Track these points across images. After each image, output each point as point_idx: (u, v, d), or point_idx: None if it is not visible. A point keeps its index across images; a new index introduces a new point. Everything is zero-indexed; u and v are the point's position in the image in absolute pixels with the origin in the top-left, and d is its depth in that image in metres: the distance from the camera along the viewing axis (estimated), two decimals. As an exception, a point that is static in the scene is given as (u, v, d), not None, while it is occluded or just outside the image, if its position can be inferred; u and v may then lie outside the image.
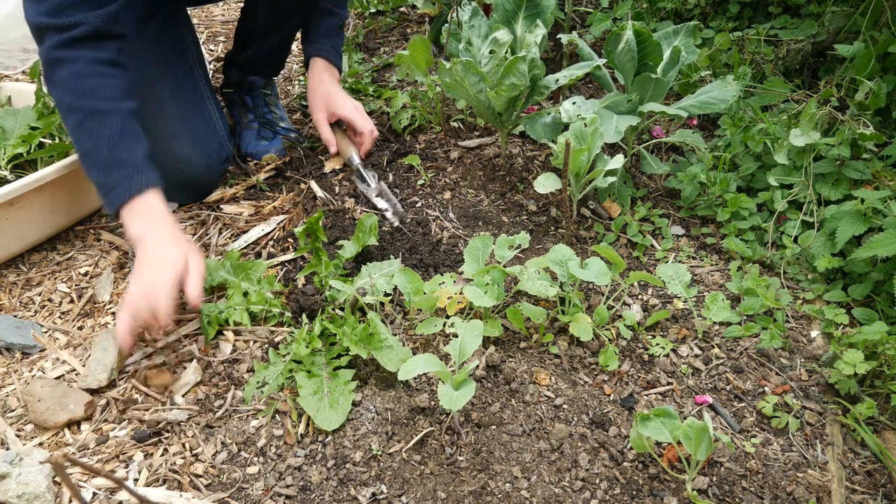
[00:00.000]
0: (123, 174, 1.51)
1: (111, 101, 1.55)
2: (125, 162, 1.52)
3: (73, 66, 1.51)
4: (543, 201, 2.03)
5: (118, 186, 1.51)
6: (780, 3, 2.52)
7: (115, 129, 1.53)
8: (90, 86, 1.53)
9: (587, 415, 1.43)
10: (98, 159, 1.53)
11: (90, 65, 1.53)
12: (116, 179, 1.51)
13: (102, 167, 1.53)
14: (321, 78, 2.08)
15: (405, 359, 1.39)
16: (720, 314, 1.60)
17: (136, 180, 1.51)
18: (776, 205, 1.86)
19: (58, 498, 1.26)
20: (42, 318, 1.64)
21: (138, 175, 1.52)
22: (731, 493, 1.30)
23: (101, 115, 1.53)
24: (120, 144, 1.53)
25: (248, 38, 2.17)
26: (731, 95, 1.86)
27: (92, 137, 1.53)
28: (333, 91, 2.07)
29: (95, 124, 1.53)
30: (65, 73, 1.52)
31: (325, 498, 1.27)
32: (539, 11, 1.89)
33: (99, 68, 1.54)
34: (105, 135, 1.53)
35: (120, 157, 1.52)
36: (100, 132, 1.53)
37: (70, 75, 1.52)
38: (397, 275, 1.61)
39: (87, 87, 1.53)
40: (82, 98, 1.52)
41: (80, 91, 1.52)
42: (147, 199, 1.52)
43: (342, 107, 2.06)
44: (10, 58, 2.55)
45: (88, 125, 1.53)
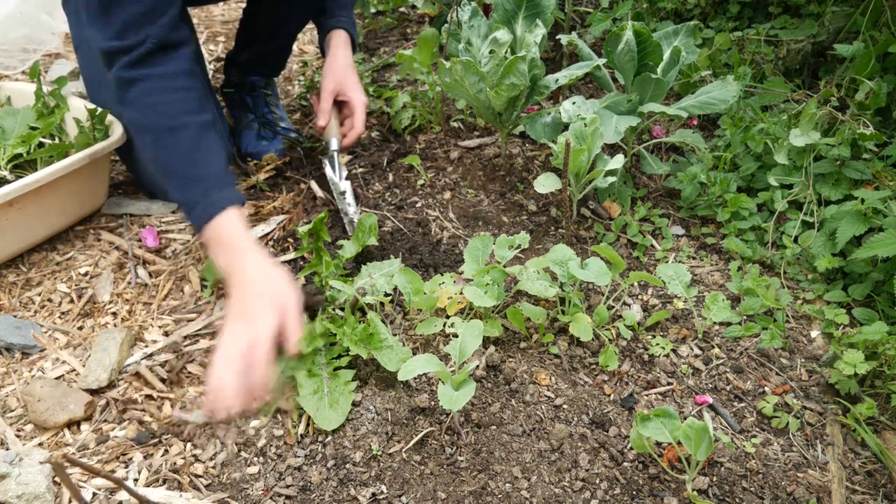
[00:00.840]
0: (202, 190, 1.45)
1: (184, 116, 1.50)
2: (203, 177, 1.47)
3: (143, 84, 1.48)
4: (543, 201, 2.03)
5: (198, 204, 1.44)
6: (780, 3, 2.52)
7: (190, 144, 1.49)
8: (162, 101, 1.49)
9: (587, 415, 1.43)
10: (175, 177, 1.48)
11: (160, 80, 1.49)
12: (196, 197, 1.45)
13: (181, 185, 1.47)
14: (340, 55, 2.03)
15: (405, 359, 1.39)
16: (720, 314, 1.60)
17: (215, 197, 1.44)
18: (776, 205, 1.86)
19: (58, 498, 1.26)
20: (42, 318, 1.64)
21: (217, 192, 1.44)
22: (731, 494, 1.30)
23: (176, 131, 1.49)
24: (197, 160, 1.48)
25: (249, 38, 2.17)
26: (732, 95, 1.86)
27: (170, 154, 1.49)
28: (350, 74, 2.02)
29: (170, 141, 1.48)
30: (135, 92, 1.48)
31: (325, 498, 1.27)
32: (539, 11, 1.89)
33: (168, 83, 1.50)
34: (181, 150, 1.48)
35: (197, 172, 1.47)
36: (175, 149, 1.48)
37: (141, 93, 1.48)
38: (397, 275, 1.61)
39: (160, 102, 1.49)
40: (154, 116, 1.49)
41: (153, 107, 1.49)
42: (228, 220, 1.42)
43: (353, 94, 2.00)
44: (10, 58, 2.55)
45: (163, 143, 1.49)
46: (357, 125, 2.00)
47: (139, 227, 1.90)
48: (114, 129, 1.85)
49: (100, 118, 1.82)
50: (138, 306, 1.67)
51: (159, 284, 1.73)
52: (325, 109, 1.99)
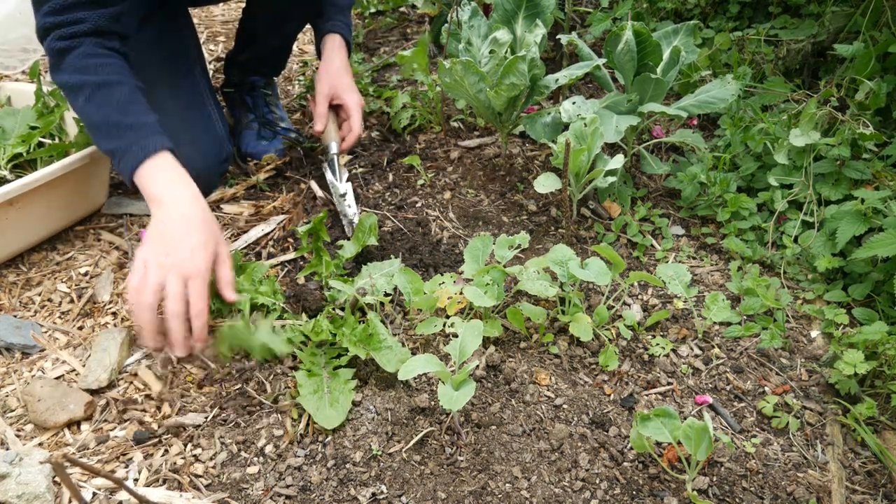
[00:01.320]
0: (137, 135, 1.48)
1: (118, 75, 1.54)
2: (137, 125, 1.50)
3: (77, 50, 1.52)
4: (543, 201, 2.03)
5: (132, 147, 1.47)
6: (780, 3, 2.52)
7: (124, 97, 1.52)
8: (96, 63, 1.53)
9: (587, 415, 1.43)
10: (109, 127, 1.50)
11: (95, 47, 1.54)
12: (129, 141, 1.48)
13: (115, 133, 1.50)
14: (335, 58, 2.03)
15: (404, 359, 1.39)
16: (720, 314, 1.60)
17: (150, 140, 1.48)
18: (776, 205, 1.86)
19: (58, 498, 1.26)
20: (42, 318, 1.64)
21: (152, 136, 1.48)
22: (731, 494, 1.30)
23: (109, 87, 1.52)
24: (130, 110, 1.51)
25: (249, 38, 2.17)
26: (731, 94, 1.86)
27: (101, 108, 1.51)
28: (344, 77, 2.03)
29: (104, 95, 1.52)
30: (70, 57, 1.52)
31: (325, 498, 1.27)
32: (539, 11, 1.89)
33: (104, 51, 1.55)
34: (114, 103, 1.51)
35: (131, 121, 1.50)
36: (109, 102, 1.51)
37: (75, 57, 1.52)
38: (397, 275, 1.61)
39: (93, 64, 1.53)
40: (89, 74, 1.52)
41: (86, 69, 1.52)
42: (164, 160, 1.47)
43: (347, 97, 2.01)
44: (10, 58, 2.55)
45: (97, 98, 1.51)
46: (354, 127, 2.00)
47: (139, 227, 1.90)
48: (114, 128, 1.85)
49: (100, 118, 1.83)
50: (138, 306, 1.67)
51: (159, 284, 1.73)
52: (321, 114, 2.00)
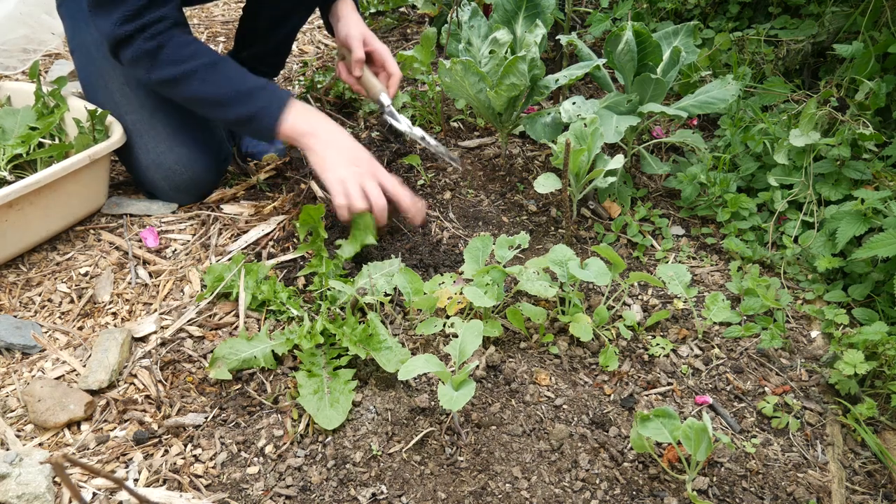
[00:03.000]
0: (267, 94, 1.64)
1: (215, 54, 1.66)
2: (261, 85, 1.65)
3: (170, 44, 1.60)
4: (543, 201, 2.03)
5: (270, 104, 1.63)
6: (780, 3, 2.52)
7: (234, 68, 1.66)
8: (193, 50, 1.63)
9: (587, 415, 1.43)
10: (239, 95, 1.64)
11: (182, 37, 1.63)
12: (265, 101, 1.63)
13: (245, 100, 1.63)
14: (354, 13, 1.96)
15: (404, 360, 1.39)
16: (720, 314, 1.60)
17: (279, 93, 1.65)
18: (776, 205, 1.86)
19: (58, 498, 1.26)
20: (42, 319, 1.64)
21: (278, 91, 1.65)
22: (731, 494, 1.30)
23: (217, 65, 1.64)
24: (247, 77, 1.65)
25: (248, 38, 2.16)
26: (731, 95, 1.86)
27: (221, 83, 1.64)
28: (367, 29, 1.96)
29: (218, 72, 1.64)
30: (167, 51, 1.61)
31: (325, 498, 1.27)
32: (539, 11, 1.89)
33: (192, 38, 1.66)
34: (232, 75, 1.65)
35: (254, 84, 1.65)
36: (226, 75, 1.64)
37: (173, 50, 1.61)
38: (397, 275, 1.61)
39: (191, 51, 1.62)
40: (193, 60, 1.62)
41: (188, 57, 1.62)
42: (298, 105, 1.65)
43: (377, 43, 1.93)
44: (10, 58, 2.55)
45: (212, 77, 1.63)
46: (394, 71, 1.95)
47: (139, 227, 1.90)
48: (114, 129, 1.85)
49: (100, 119, 1.83)
50: (138, 306, 1.67)
51: (159, 284, 1.73)
52: (360, 58, 1.90)
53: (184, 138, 1.89)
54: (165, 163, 1.88)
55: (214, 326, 1.62)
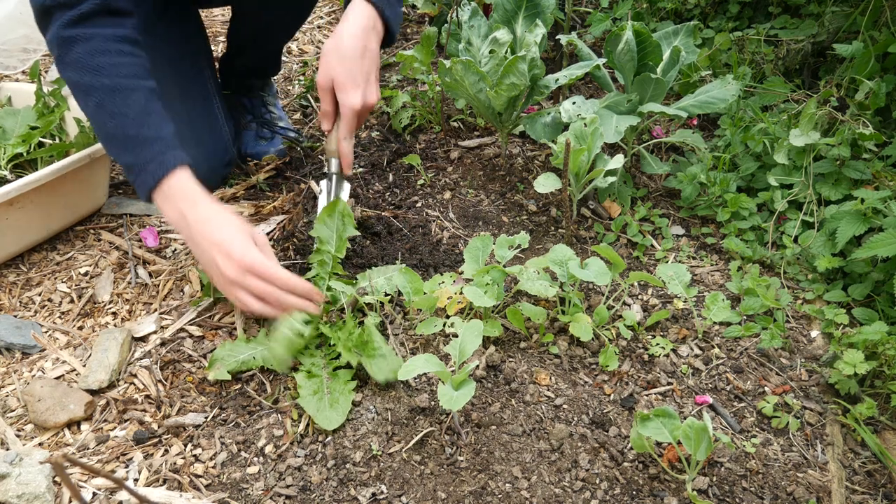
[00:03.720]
0: (154, 151, 1.40)
1: (133, 79, 1.43)
2: (154, 139, 1.41)
3: (88, 44, 1.40)
4: (543, 201, 2.03)
5: (150, 163, 1.40)
6: (780, 3, 2.52)
7: (140, 107, 1.42)
8: (108, 63, 1.41)
9: (587, 415, 1.43)
10: (124, 140, 1.42)
11: (106, 42, 1.42)
12: (147, 157, 1.40)
13: (131, 147, 1.42)
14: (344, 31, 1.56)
15: (395, 369, 1.39)
16: (720, 314, 1.60)
17: (168, 156, 1.41)
18: (776, 205, 1.86)
19: (58, 498, 1.26)
20: (42, 318, 1.64)
21: (171, 151, 1.41)
22: (731, 494, 1.30)
23: (123, 93, 1.42)
24: (147, 122, 1.42)
25: (240, 45, 2.12)
26: (731, 95, 1.86)
27: (115, 117, 1.42)
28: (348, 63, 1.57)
29: (118, 103, 1.41)
30: (79, 51, 1.40)
31: (325, 498, 1.27)
32: (539, 11, 1.89)
33: (116, 45, 1.43)
34: (129, 113, 1.42)
35: (148, 134, 1.41)
36: (123, 111, 1.42)
37: (85, 53, 1.40)
38: (397, 274, 1.61)
39: (105, 64, 1.41)
40: (100, 76, 1.41)
41: (97, 69, 1.41)
42: (182, 177, 1.41)
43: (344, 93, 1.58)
44: (10, 58, 2.55)
45: (109, 105, 1.42)
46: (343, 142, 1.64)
47: (139, 227, 1.90)
48: (114, 129, 1.85)
49: (100, 118, 1.82)
50: (138, 306, 1.67)
51: (159, 284, 1.73)
52: (327, 112, 1.64)
53: (189, 139, 1.88)
54: None
55: (214, 326, 1.62)
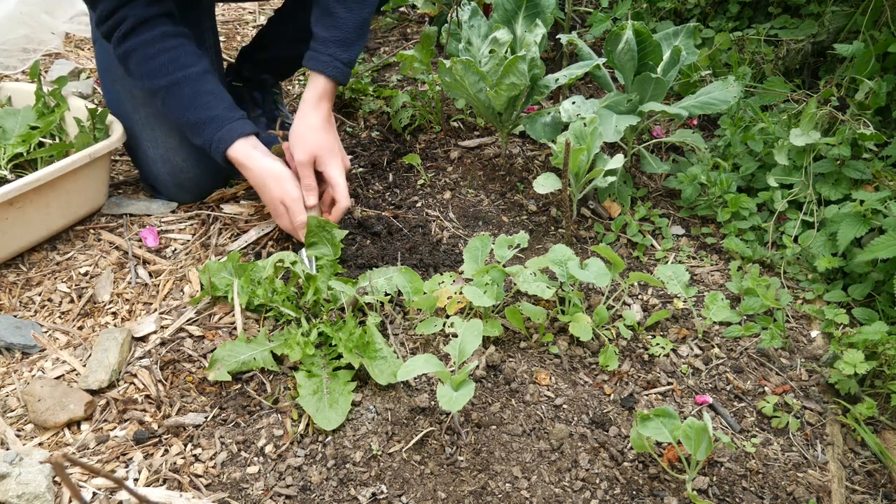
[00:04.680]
0: (212, 131, 1.69)
1: (182, 70, 1.68)
2: (209, 120, 1.69)
3: (136, 54, 1.66)
4: (543, 201, 2.03)
5: (212, 142, 1.69)
6: (780, 3, 2.52)
7: (193, 94, 1.68)
8: (158, 65, 1.66)
9: (587, 415, 1.43)
10: (190, 127, 1.71)
11: (148, 47, 1.66)
12: (209, 138, 1.69)
13: (197, 132, 1.71)
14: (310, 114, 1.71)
15: (395, 372, 1.39)
16: (720, 314, 1.60)
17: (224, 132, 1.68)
18: (776, 205, 1.86)
19: (58, 498, 1.26)
20: (42, 318, 1.64)
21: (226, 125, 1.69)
22: (731, 493, 1.30)
23: (176, 87, 1.68)
24: (201, 105, 1.69)
25: (273, 40, 2.14)
26: (732, 96, 1.86)
27: (178, 109, 1.70)
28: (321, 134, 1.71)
29: (176, 97, 1.69)
30: (133, 63, 1.67)
31: (325, 498, 1.27)
32: (539, 11, 1.89)
33: (160, 45, 1.66)
34: (186, 103, 1.69)
35: (204, 116, 1.69)
36: (182, 102, 1.69)
37: (138, 63, 1.67)
38: (397, 274, 1.61)
39: (156, 67, 1.66)
40: (157, 79, 1.67)
41: (152, 74, 1.67)
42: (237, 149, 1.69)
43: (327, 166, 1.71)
44: (10, 58, 2.55)
45: (170, 100, 1.69)
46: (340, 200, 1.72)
47: (139, 227, 1.90)
48: (114, 128, 1.85)
49: (100, 118, 1.83)
50: (138, 306, 1.67)
51: (159, 284, 1.73)
52: (312, 186, 1.71)
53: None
54: (174, 159, 1.89)
55: (214, 326, 1.62)
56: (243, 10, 3.36)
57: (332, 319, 1.56)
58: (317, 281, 1.57)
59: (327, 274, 1.64)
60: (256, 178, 1.71)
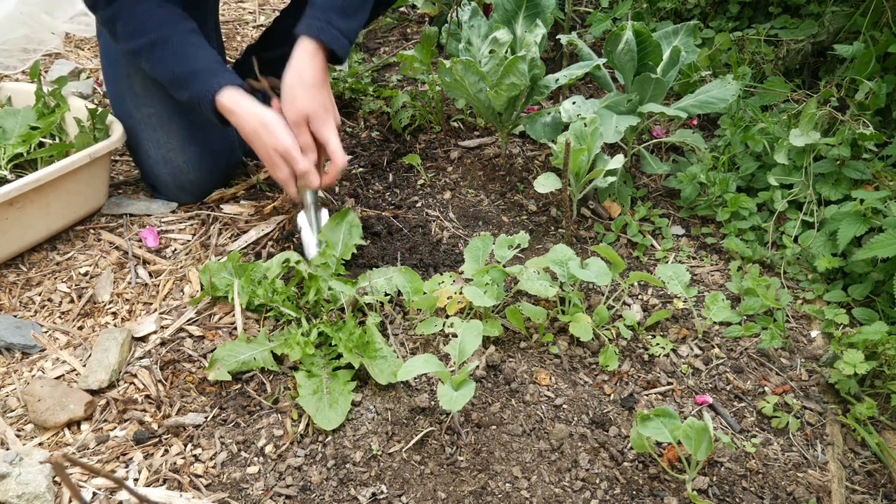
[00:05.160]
0: (199, 84, 1.62)
1: (164, 28, 1.65)
2: (194, 73, 1.63)
3: (123, 16, 1.64)
4: (543, 201, 2.03)
5: (199, 96, 1.62)
6: (780, 3, 2.52)
7: (177, 49, 1.64)
8: (141, 24, 1.64)
9: (587, 415, 1.43)
10: (174, 81, 1.66)
11: (134, 6, 1.63)
12: (196, 91, 1.63)
13: (183, 86, 1.65)
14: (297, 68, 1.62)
15: (396, 371, 1.39)
16: (720, 314, 1.60)
17: (212, 83, 1.61)
18: (776, 205, 1.86)
19: (58, 498, 1.26)
20: (42, 318, 1.64)
21: (212, 78, 1.62)
22: (731, 493, 1.30)
23: (161, 44, 1.63)
24: (186, 59, 1.64)
25: (280, 39, 2.12)
26: (731, 95, 1.86)
27: (162, 63, 1.65)
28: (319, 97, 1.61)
29: (160, 52, 1.64)
30: (120, 26, 1.65)
31: (325, 498, 1.27)
32: (539, 11, 1.89)
33: (141, 7, 1.64)
34: (170, 58, 1.64)
35: (190, 68, 1.63)
36: (166, 58, 1.64)
37: (124, 25, 1.64)
38: (397, 274, 1.61)
39: (139, 26, 1.64)
40: (140, 37, 1.64)
41: (136, 33, 1.64)
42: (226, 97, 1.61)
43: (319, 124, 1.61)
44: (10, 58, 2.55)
45: (156, 56, 1.64)
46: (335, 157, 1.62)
47: (139, 227, 1.90)
48: (114, 128, 1.85)
49: (100, 118, 1.83)
50: (138, 306, 1.67)
51: (159, 284, 1.73)
52: (309, 144, 1.62)
53: (197, 139, 1.89)
54: (174, 160, 1.88)
55: (214, 326, 1.62)
56: (243, 9, 3.36)
57: (332, 319, 1.56)
58: (318, 281, 1.57)
59: (329, 273, 1.64)
60: (247, 126, 1.60)
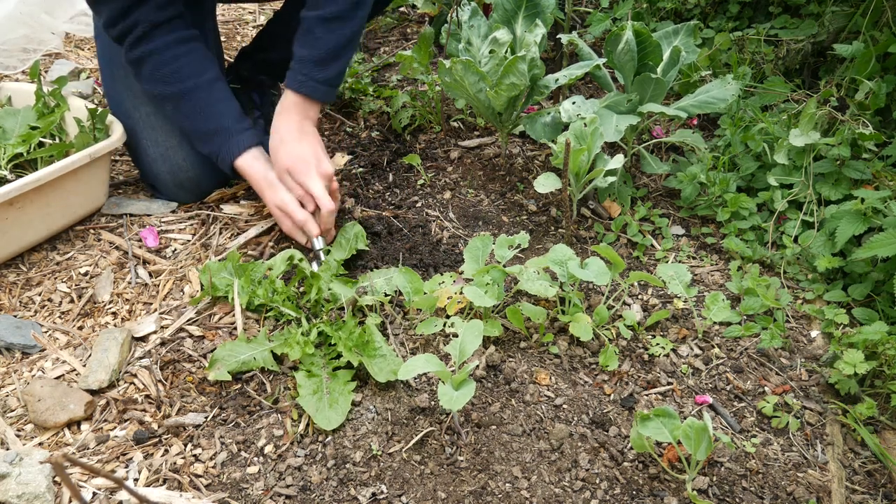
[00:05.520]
0: (220, 141, 1.74)
1: (193, 79, 1.71)
2: (216, 131, 1.74)
3: (150, 60, 1.68)
4: (543, 201, 2.03)
5: (221, 153, 1.75)
6: (780, 3, 2.52)
7: (203, 103, 1.73)
8: (170, 71, 1.69)
9: (587, 415, 1.43)
10: (198, 135, 1.77)
11: (165, 51, 1.68)
12: (217, 147, 1.75)
13: (206, 140, 1.76)
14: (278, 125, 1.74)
15: (395, 370, 1.40)
16: (720, 314, 1.60)
17: (232, 143, 1.74)
18: (776, 205, 1.86)
19: (58, 498, 1.26)
20: (42, 318, 1.64)
21: (234, 137, 1.74)
22: (731, 493, 1.30)
23: (187, 96, 1.71)
24: (211, 115, 1.73)
25: (272, 41, 2.14)
26: (731, 95, 1.86)
27: (188, 118, 1.75)
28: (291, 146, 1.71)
29: (186, 105, 1.73)
30: (147, 69, 1.70)
31: (325, 498, 1.27)
32: (539, 11, 1.89)
33: (173, 51, 1.69)
34: (196, 112, 1.73)
35: (213, 126, 1.73)
36: (191, 111, 1.73)
37: (150, 69, 1.69)
38: (397, 275, 1.61)
39: (168, 73, 1.69)
40: (168, 85, 1.70)
41: (163, 80, 1.70)
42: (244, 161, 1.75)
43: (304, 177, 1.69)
44: (10, 58, 2.55)
45: (182, 109, 1.74)
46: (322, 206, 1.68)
47: (139, 227, 1.90)
48: (114, 128, 1.85)
49: (100, 118, 1.82)
50: (138, 306, 1.67)
51: (159, 284, 1.73)
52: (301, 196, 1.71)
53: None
54: (174, 158, 1.89)
55: (214, 326, 1.62)
56: (243, 10, 3.36)
57: (332, 319, 1.56)
58: (319, 280, 1.57)
59: (330, 274, 1.64)
60: (256, 186, 1.77)
